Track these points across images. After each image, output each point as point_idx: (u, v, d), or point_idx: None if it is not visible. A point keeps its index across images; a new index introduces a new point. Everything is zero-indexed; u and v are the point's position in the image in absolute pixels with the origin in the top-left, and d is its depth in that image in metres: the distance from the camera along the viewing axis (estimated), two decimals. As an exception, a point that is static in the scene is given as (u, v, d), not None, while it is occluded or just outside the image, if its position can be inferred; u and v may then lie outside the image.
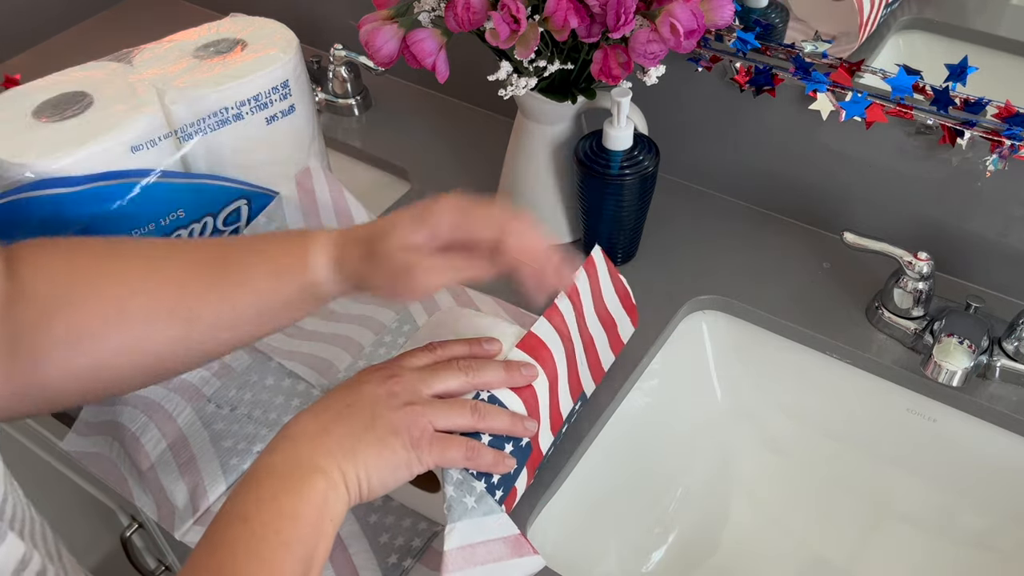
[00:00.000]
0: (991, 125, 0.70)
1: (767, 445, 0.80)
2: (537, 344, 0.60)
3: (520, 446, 0.57)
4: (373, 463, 0.49)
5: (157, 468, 0.66)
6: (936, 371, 0.69)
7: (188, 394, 0.69)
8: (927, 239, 0.79)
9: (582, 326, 0.65)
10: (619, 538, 0.74)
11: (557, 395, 0.62)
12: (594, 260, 0.67)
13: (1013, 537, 0.72)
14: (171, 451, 0.67)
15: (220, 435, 0.67)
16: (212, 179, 0.69)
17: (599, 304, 0.68)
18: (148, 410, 0.67)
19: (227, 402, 0.69)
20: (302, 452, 0.48)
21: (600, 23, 0.66)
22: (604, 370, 0.69)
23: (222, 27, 0.74)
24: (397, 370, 0.54)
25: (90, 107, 0.66)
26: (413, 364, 0.55)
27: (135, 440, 0.66)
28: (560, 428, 0.63)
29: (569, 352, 0.63)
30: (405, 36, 0.69)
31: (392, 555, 0.61)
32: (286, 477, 0.47)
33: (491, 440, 0.55)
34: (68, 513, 1.16)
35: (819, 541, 0.76)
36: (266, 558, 0.44)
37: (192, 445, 0.67)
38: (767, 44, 0.77)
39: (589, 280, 0.66)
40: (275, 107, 0.70)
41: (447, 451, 0.52)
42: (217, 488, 0.66)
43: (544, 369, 0.60)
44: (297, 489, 0.46)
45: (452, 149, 0.98)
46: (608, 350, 0.70)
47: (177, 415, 0.68)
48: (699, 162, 0.89)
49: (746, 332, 0.79)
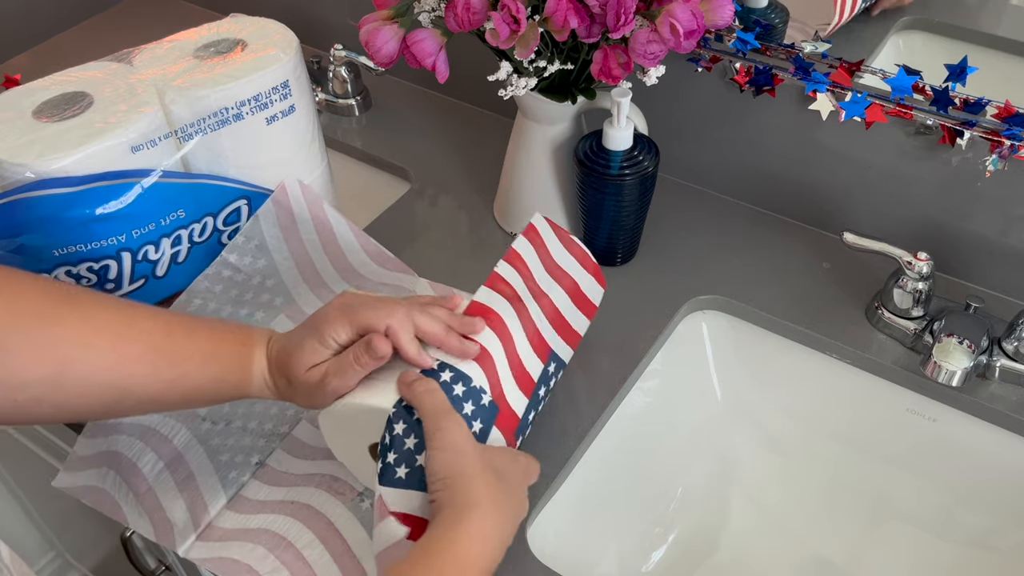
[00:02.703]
0: (991, 125, 0.70)
1: (767, 445, 0.80)
2: (482, 310, 0.60)
3: (482, 405, 0.57)
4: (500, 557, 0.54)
5: (155, 489, 0.65)
6: (936, 371, 0.69)
7: (182, 416, 0.68)
8: (927, 239, 0.79)
9: (535, 289, 0.65)
10: (619, 538, 0.74)
11: (518, 356, 0.61)
12: (535, 227, 0.66)
13: (1013, 537, 0.72)
14: (168, 470, 0.66)
15: (216, 450, 0.67)
16: (212, 179, 0.69)
17: (551, 266, 0.67)
18: (143, 436, 0.66)
19: (221, 417, 0.68)
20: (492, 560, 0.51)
21: (600, 23, 0.66)
22: (578, 332, 0.68)
23: (222, 27, 0.74)
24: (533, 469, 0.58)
25: (90, 107, 0.66)
26: (530, 482, 0.58)
27: (132, 465, 0.66)
28: (534, 390, 0.62)
29: (522, 313, 0.62)
30: (405, 36, 0.69)
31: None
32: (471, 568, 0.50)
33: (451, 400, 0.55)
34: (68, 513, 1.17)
35: (819, 541, 0.76)
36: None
37: (189, 462, 0.66)
38: (767, 44, 0.77)
39: (533, 246, 0.66)
40: (275, 107, 0.70)
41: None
42: (217, 502, 0.65)
43: (495, 331, 0.60)
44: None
45: (452, 149, 0.98)
46: (576, 312, 0.68)
47: (173, 436, 0.67)
48: (699, 162, 0.89)
49: (746, 332, 0.79)
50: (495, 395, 0.58)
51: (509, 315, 0.61)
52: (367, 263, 0.72)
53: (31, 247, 0.63)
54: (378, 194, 0.97)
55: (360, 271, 0.72)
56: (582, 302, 0.68)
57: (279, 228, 0.71)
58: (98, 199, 0.63)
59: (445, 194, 0.92)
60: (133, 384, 0.54)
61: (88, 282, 0.66)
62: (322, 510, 0.65)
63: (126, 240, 0.66)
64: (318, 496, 0.66)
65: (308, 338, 0.57)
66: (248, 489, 0.68)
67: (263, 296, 0.72)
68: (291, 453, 0.70)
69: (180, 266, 0.70)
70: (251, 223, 0.69)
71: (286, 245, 0.71)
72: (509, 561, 0.61)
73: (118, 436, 0.67)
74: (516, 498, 0.55)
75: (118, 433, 0.67)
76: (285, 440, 0.71)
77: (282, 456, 0.70)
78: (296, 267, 0.72)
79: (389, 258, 0.70)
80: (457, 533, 0.49)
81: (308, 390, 0.57)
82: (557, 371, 0.65)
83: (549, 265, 0.67)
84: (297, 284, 0.73)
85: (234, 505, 0.67)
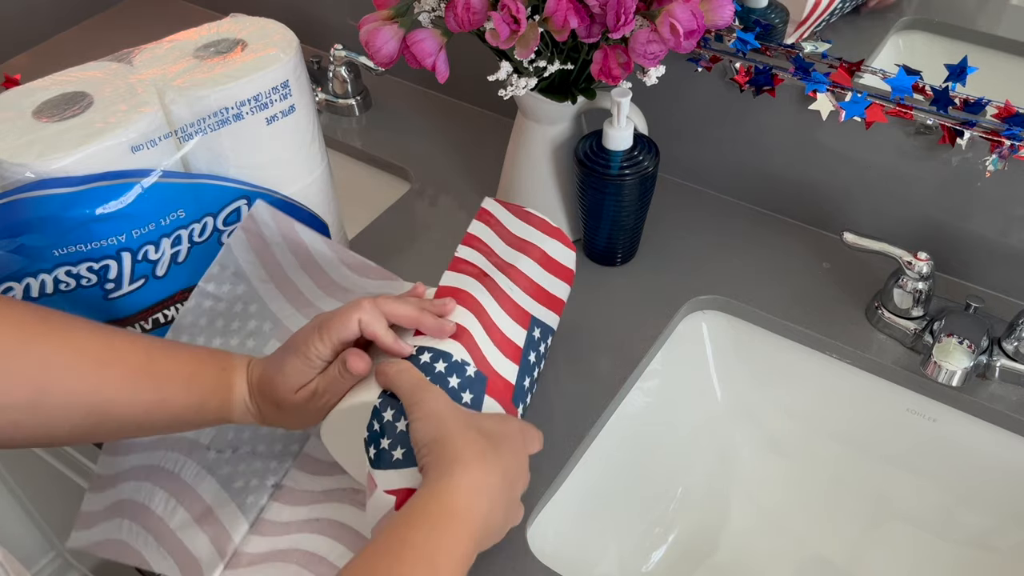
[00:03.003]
0: (991, 125, 0.70)
1: (767, 445, 0.80)
2: (450, 291, 0.61)
3: (468, 376, 0.57)
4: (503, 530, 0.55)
5: (172, 528, 0.64)
6: (936, 371, 0.69)
7: (185, 448, 0.67)
8: (927, 239, 0.79)
9: (499, 263, 0.65)
10: (619, 538, 0.74)
11: (496, 325, 0.61)
12: (487, 209, 0.67)
13: (1013, 537, 0.72)
14: (183, 507, 0.65)
15: (229, 478, 0.66)
16: (212, 179, 0.69)
17: (512, 239, 0.67)
18: (150, 476, 0.66)
19: (227, 444, 0.68)
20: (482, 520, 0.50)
21: (600, 23, 0.66)
22: (558, 297, 0.67)
23: (222, 27, 0.74)
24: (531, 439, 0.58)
25: (90, 107, 0.66)
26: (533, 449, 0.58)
27: (144, 509, 0.65)
28: (523, 356, 0.62)
29: (491, 286, 0.63)
30: (405, 36, 0.69)
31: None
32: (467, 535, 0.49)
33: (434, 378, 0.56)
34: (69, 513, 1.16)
35: (819, 541, 0.76)
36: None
37: (203, 495, 0.66)
38: (767, 44, 0.77)
39: (489, 226, 0.67)
40: (275, 107, 0.70)
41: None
42: (240, 528, 0.64)
43: (467, 307, 0.60)
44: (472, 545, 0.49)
45: (452, 149, 0.98)
46: (550, 278, 0.68)
47: (180, 471, 0.66)
48: (699, 162, 0.89)
49: (746, 332, 0.79)
50: (480, 366, 0.58)
51: (478, 290, 0.62)
52: (349, 275, 0.72)
53: (31, 247, 0.63)
54: (378, 194, 0.97)
55: (344, 284, 0.72)
56: (554, 268, 0.68)
57: (252, 253, 0.70)
58: (98, 199, 0.63)
59: (445, 194, 0.92)
60: (113, 408, 0.53)
61: (88, 282, 0.66)
62: (349, 523, 0.65)
63: (126, 240, 0.66)
64: (343, 510, 0.66)
65: (290, 359, 0.57)
66: (270, 512, 0.67)
67: (249, 323, 0.72)
68: (306, 471, 0.69)
69: (180, 266, 0.70)
70: (223, 251, 0.69)
71: (263, 269, 0.71)
72: (509, 561, 0.61)
73: (124, 484, 0.66)
74: (509, 458, 0.54)
75: (124, 481, 0.66)
76: (298, 459, 0.70)
77: (298, 475, 0.69)
78: (277, 289, 0.72)
79: (371, 267, 0.70)
80: (440, 487, 0.49)
81: (299, 411, 0.58)
82: (544, 336, 0.65)
83: (509, 239, 0.67)
84: (282, 307, 0.73)
85: (258, 529, 0.65)
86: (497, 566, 0.61)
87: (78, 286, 0.66)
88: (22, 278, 0.64)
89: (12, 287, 0.65)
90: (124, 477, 0.67)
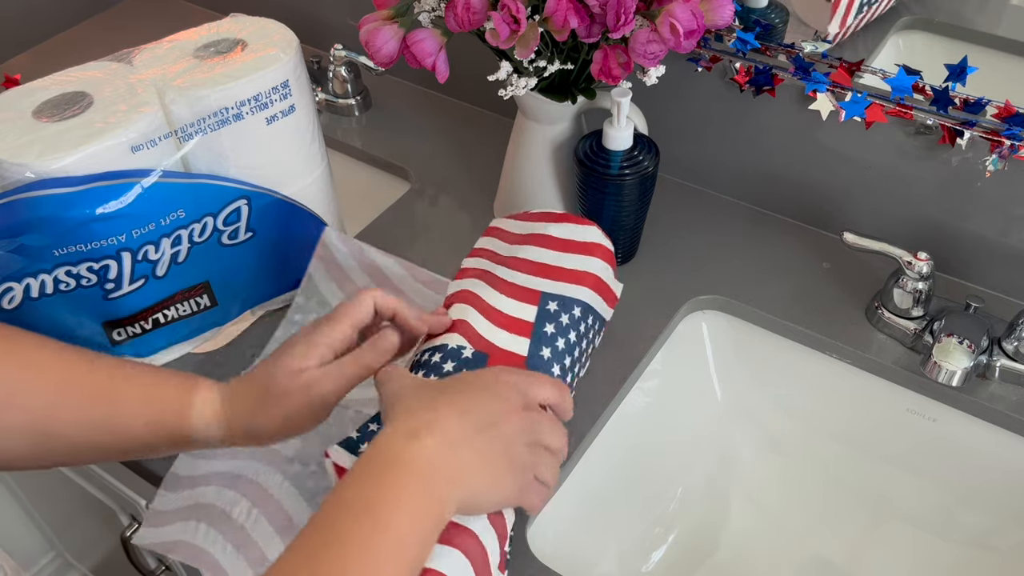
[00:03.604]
0: (991, 125, 0.70)
1: (767, 445, 0.80)
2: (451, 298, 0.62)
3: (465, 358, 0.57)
4: (486, 492, 0.49)
5: (256, 539, 0.63)
6: (936, 371, 0.69)
7: (268, 458, 0.66)
8: (927, 239, 0.79)
9: (500, 259, 0.66)
10: (619, 538, 0.74)
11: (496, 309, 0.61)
12: (494, 225, 0.69)
13: (1013, 537, 0.72)
14: (265, 518, 0.64)
15: (314, 492, 0.65)
16: (212, 179, 0.69)
17: (515, 239, 0.68)
18: (232, 484, 0.65)
19: (312, 459, 0.66)
20: (441, 456, 0.46)
21: (600, 23, 0.66)
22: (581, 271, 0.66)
23: (222, 27, 0.74)
24: (530, 402, 0.52)
25: (90, 107, 0.66)
26: (546, 398, 0.53)
27: (224, 516, 0.64)
28: (534, 329, 0.61)
29: (489, 279, 0.63)
30: (405, 36, 0.69)
31: None
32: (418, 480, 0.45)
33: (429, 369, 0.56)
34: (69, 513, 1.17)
35: (819, 541, 0.76)
36: (379, 560, 0.42)
37: (287, 508, 0.64)
38: (767, 44, 0.77)
39: (495, 236, 0.68)
40: (275, 107, 0.70)
41: (535, 504, 0.52)
42: None
43: (465, 302, 0.61)
44: (428, 494, 0.45)
45: (452, 149, 0.98)
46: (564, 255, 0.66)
47: (264, 482, 0.65)
48: (699, 162, 0.89)
49: (746, 332, 0.79)
50: (479, 346, 0.58)
51: (475, 286, 0.63)
52: (422, 290, 0.72)
53: (31, 247, 0.63)
54: (378, 194, 0.97)
55: (418, 300, 0.73)
56: (571, 246, 0.67)
57: (332, 281, 0.71)
58: (98, 199, 0.63)
59: (445, 194, 0.92)
60: (62, 426, 0.53)
61: (88, 282, 0.66)
62: None
63: (126, 240, 0.66)
64: None
65: (295, 344, 0.55)
66: None
67: None
68: None
69: (180, 266, 0.70)
70: (305, 282, 0.70)
71: (343, 293, 0.72)
72: (509, 561, 0.61)
73: (204, 488, 0.65)
74: (481, 396, 0.50)
75: (204, 484, 0.65)
76: None
77: None
78: None
79: (442, 282, 0.70)
80: (380, 438, 0.47)
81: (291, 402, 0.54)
82: (567, 308, 0.63)
83: (512, 239, 0.68)
84: None
85: None
86: (497, 566, 0.61)
87: (78, 286, 0.66)
88: (22, 278, 0.64)
89: (12, 287, 0.65)
90: (205, 481, 0.65)
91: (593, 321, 0.66)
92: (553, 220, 0.69)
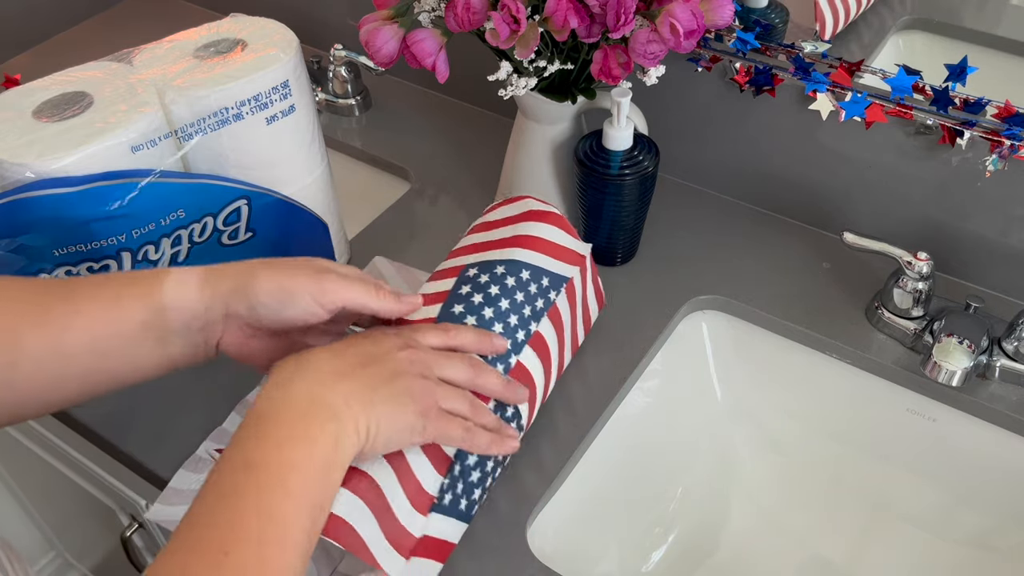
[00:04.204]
0: (991, 125, 0.70)
1: (767, 445, 0.80)
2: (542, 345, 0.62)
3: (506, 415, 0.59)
4: (386, 418, 0.48)
5: None
6: (936, 371, 0.69)
7: None
8: (927, 239, 0.79)
9: (573, 321, 0.68)
10: (619, 538, 0.74)
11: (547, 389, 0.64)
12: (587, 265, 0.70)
13: (1013, 537, 0.72)
14: None
15: None
16: (212, 179, 0.69)
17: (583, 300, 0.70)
18: None
19: None
20: (315, 392, 0.46)
21: (600, 23, 0.66)
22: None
23: (222, 27, 0.74)
24: (413, 342, 0.53)
25: (90, 107, 0.66)
26: (428, 341, 0.55)
27: None
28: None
29: (561, 349, 0.65)
30: (405, 36, 0.69)
31: None
32: (295, 422, 0.45)
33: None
34: (68, 513, 1.17)
35: (819, 541, 0.76)
36: (273, 511, 0.42)
37: None
38: (767, 44, 0.77)
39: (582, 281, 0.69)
40: (275, 107, 0.70)
41: (449, 428, 0.52)
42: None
43: (545, 368, 0.61)
44: (307, 436, 0.44)
45: (452, 149, 0.98)
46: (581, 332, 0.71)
47: None
48: (699, 162, 0.89)
49: (746, 332, 0.79)
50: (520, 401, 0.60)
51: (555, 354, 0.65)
52: None
53: (31, 247, 0.63)
54: (378, 194, 0.97)
55: None
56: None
57: None
58: (98, 199, 0.63)
59: (445, 194, 0.92)
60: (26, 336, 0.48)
61: (88, 282, 0.66)
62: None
63: (126, 240, 0.66)
64: None
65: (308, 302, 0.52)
66: None
67: None
68: None
69: (180, 266, 0.70)
70: None
71: None
72: (509, 561, 0.61)
73: None
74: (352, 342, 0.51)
75: None
76: None
77: None
78: None
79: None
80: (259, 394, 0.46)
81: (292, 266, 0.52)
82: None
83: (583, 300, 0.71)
84: None
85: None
86: (497, 566, 0.61)
87: (78, 286, 0.66)
88: (22, 278, 0.64)
89: (12, 287, 0.65)
90: None
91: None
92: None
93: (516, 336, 0.61)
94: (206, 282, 0.52)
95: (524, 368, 0.61)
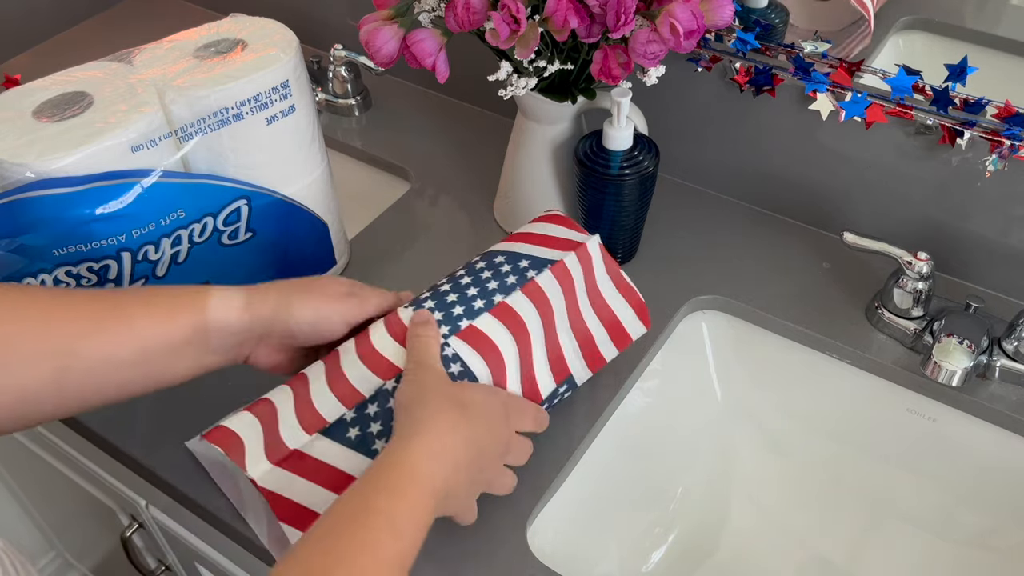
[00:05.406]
0: (991, 125, 0.70)
1: (767, 445, 0.80)
2: (510, 314, 0.61)
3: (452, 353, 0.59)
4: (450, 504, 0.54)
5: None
6: (936, 371, 0.69)
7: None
8: (927, 239, 0.79)
9: (572, 309, 0.65)
10: (619, 538, 0.74)
11: (532, 368, 0.62)
12: (589, 251, 0.66)
13: (1013, 537, 0.72)
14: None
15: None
16: (212, 179, 0.69)
17: (594, 293, 0.67)
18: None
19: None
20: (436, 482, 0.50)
21: (600, 23, 0.66)
22: (604, 359, 0.67)
23: (222, 27, 0.74)
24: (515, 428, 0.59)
25: (90, 107, 0.66)
26: (524, 427, 0.60)
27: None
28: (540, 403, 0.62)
29: (549, 327, 0.63)
30: (405, 36, 0.69)
31: None
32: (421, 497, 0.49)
33: None
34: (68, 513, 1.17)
35: (819, 541, 0.76)
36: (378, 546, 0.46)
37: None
38: (767, 44, 0.77)
39: (582, 268, 0.66)
40: (275, 107, 0.70)
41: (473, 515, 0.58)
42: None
43: (515, 338, 0.60)
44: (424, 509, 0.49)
45: (452, 149, 0.98)
46: (609, 343, 0.68)
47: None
48: (699, 162, 0.89)
49: (746, 332, 0.79)
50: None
51: (535, 328, 0.62)
52: None
53: (31, 247, 0.63)
54: (378, 194, 0.97)
55: None
56: (619, 335, 0.69)
57: None
58: (98, 199, 0.63)
59: (445, 194, 0.92)
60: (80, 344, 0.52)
61: (88, 282, 0.66)
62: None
63: (126, 240, 0.66)
64: None
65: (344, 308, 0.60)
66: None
67: None
68: None
69: (180, 266, 0.70)
70: None
71: None
72: (509, 561, 0.61)
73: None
74: (481, 428, 0.55)
75: None
76: None
77: None
78: None
79: None
80: (404, 450, 0.50)
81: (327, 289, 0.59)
82: (566, 392, 0.66)
83: (592, 291, 0.67)
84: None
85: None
86: (497, 566, 0.61)
87: (78, 286, 0.66)
88: (22, 278, 0.64)
89: (12, 287, 0.65)
90: None
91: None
92: (631, 302, 0.70)
93: (472, 304, 0.61)
94: (248, 304, 0.57)
95: (479, 331, 0.60)
